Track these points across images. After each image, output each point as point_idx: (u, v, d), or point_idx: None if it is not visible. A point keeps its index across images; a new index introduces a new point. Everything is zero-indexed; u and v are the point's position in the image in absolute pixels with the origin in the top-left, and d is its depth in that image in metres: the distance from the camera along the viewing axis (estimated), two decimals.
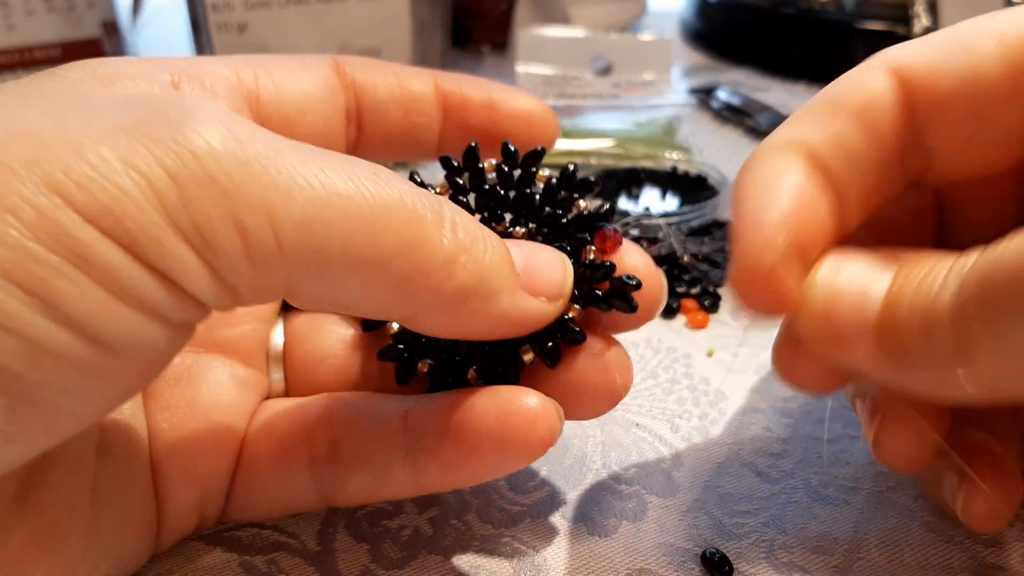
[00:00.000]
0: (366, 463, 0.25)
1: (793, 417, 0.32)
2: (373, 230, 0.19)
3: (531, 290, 0.23)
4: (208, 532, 0.27)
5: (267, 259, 0.19)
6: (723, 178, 0.48)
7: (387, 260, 0.20)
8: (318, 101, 0.27)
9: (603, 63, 0.64)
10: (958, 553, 0.27)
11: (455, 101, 0.29)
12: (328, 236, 0.19)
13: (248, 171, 0.18)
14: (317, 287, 0.20)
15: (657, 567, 0.26)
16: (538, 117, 0.30)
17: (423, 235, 0.20)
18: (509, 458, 0.23)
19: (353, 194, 0.19)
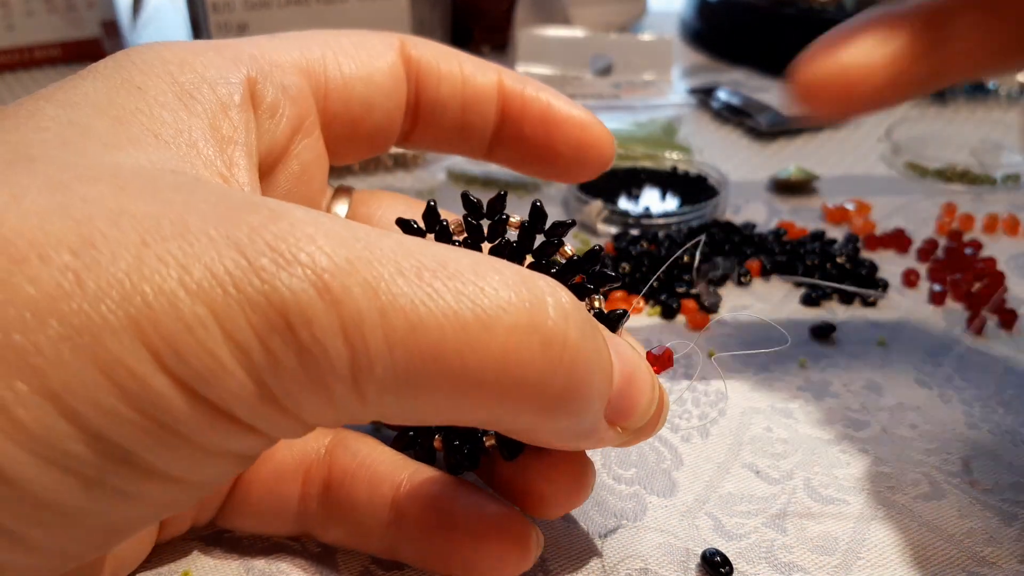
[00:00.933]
0: (350, 518, 0.25)
1: (793, 417, 0.32)
2: (488, 351, 0.17)
3: (615, 416, 0.21)
4: (208, 533, 0.27)
5: (351, 409, 0.18)
6: (723, 178, 0.48)
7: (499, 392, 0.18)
8: (383, 95, 0.26)
9: (603, 63, 0.64)
10: (957, 553, 0.27)
11: (514, 106, 0.28)
12: (431, 379, 0.17)
13: (343, 337, 0.16)
14: (408, 415, 0.18)
15: (657, 567, 0.26)
16: (592, 145, 0.28)
17: (546, 351, 0.18)
18: (478, 571, 0.24)
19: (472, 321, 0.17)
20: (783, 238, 0.44)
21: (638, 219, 0.45)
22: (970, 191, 0.50)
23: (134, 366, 0.16)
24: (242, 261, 0.16)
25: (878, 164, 0.54)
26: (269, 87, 0.23)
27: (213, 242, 0.16)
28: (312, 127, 0.25)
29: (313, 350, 0.16)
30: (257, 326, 0.16)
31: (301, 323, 0.16)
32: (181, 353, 0.16)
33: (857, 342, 0.37)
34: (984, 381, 0.34)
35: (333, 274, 0.16)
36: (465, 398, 0.18)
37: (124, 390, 0.16)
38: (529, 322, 0.18)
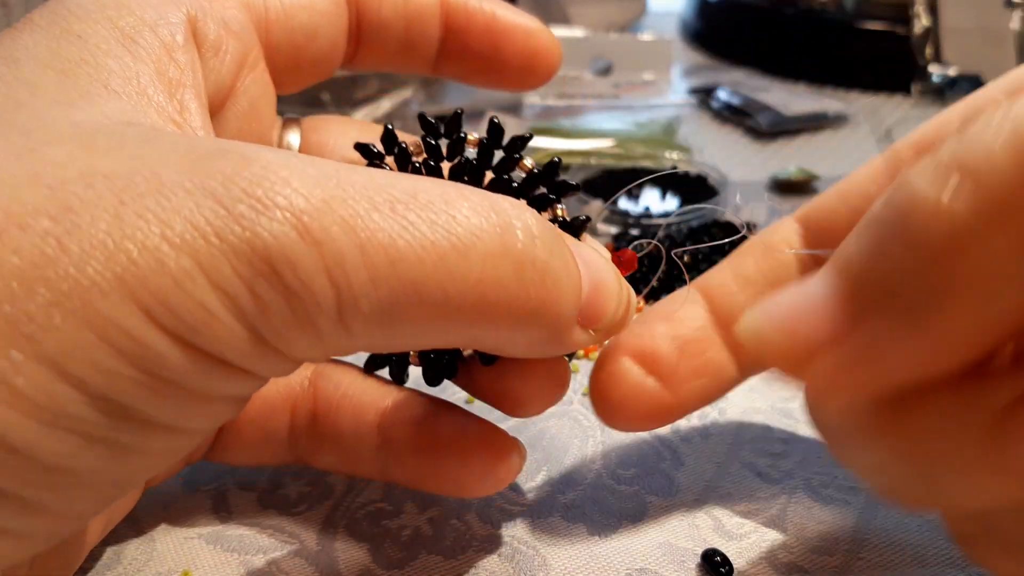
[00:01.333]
0: (339, 445, 0.26)
1: (793, 417, 0.32)
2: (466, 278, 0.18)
3: (586, 321, 0.21)
4: (208, 532, 0.27)
5: (339, 343, 0.18)
6: (723, 178, 0.48)
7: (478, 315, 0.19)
8: (325, 22, 0.26)
9: (603, 63, 0.64)
10: (957, 553, 0.27)
11: (458, 20, 0.27)
12: (416, 310, 0.18)
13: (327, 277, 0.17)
14: (392, 344, 0.19)
15: (657, 567, 0.26)
16: (540, 51, 0.28)
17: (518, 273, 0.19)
18: (466, 487, 0.25)
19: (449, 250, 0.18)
20: None
21: (638, 219, 0.45)
22: None
23: (126, 324, 0.16)
24: (220, 210, 0.16)
25: None
26: (210, 24, 0.23)
27: (189, 194, 0.16)
28: (256, 61, 0.25)
29: (299, 291, 0.17)
30: (242, 272, 0.16)
31: (285, 266, 0.16)
32: (171, 306, 0.16)
33: None
34: None
35: (311, 215, 0.17)
36: (446, 323, 0.18)
37: (119, 348, 0.16)
38: (501, 246, 0.19)
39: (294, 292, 0.17)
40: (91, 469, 0.17)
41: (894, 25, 0.63)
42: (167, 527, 0.27)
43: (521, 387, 0.24)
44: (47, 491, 0.16)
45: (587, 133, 0.55)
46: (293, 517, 0.28)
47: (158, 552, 0.26)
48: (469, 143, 0.25)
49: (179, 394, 0.17)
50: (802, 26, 0.66)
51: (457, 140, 0.25)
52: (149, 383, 0.16)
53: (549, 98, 0.59)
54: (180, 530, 0.27)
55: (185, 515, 0.28)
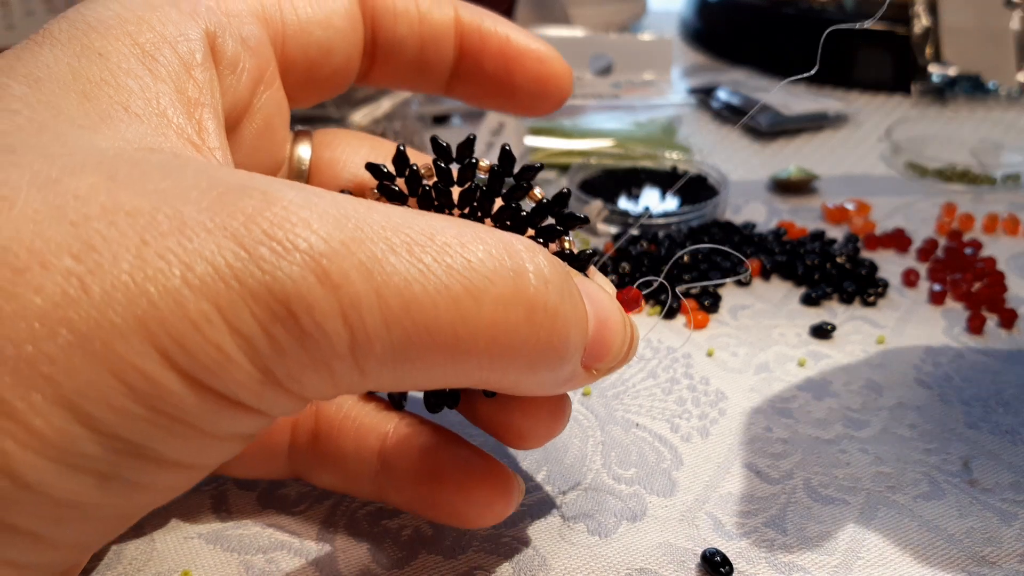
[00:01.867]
0: (339, 467, 0.26)
1: (793, 417, 0.32)
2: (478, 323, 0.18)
3: (590, 361, 0.22)
4: (208, 531, 0.27)
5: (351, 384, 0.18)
6: (723, 178, 0.48)
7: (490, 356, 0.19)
8: (341, 38, 0.26)
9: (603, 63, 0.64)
10: (957, 552, 0.27)
11: (472, 42, 0.27)
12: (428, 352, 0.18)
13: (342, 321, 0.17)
14: (402, 384, 0.19)
15: (657, 567, 0.26)
16: (551, 78, 0.28)
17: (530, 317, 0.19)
18: (465, 520, 0.25)
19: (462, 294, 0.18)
20: (783, 238, 0.44)
21: (638, 219, 0.45)
22: (970, 191, 0.50)
23: (143, 366, 0.16)
24: (242, 252, 0.16)
25: (878, 164, 0.54)
26: (228, 40, 0.23)
27: (211, 234, 0.16)
28: (272, 78, 0.25)
29: (315, 334, 0.17)
30: (260, 316, 0.16)
31: (303, 310, 0.17)
32: (188, 349, 0.16)
33: (857, 342, 0.37)
34: (984, 381, 0.34)
35: (330, 259, 0.17)
36: (456, 365, 0.19)
37: (134, 389, 0.16)
38: (514, 292, 0.19)
39: (310, 335, 0.17)
40: (101, 504, 0.17)
41: (894, 25, 0.63)
42: (167, 527, 0.27)
43: (522, 420, 0.25)
44: (57, 525, 0.16)
45: (587, 133, 0.55)
46: (293, 517, 0.28)
47: (158, 552, 0.26)
48: (480, 169, 0.25)
49: (190, 433, 0.17)
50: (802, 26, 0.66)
51: (469, 165, 0.25)
52: (161, 422, 0.16)
53: None
54: (180, 530, 0.27)
55: (185, 514, 0.28)
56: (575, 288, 0.21)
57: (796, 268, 0.41)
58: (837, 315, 0.39)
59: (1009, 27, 0.62)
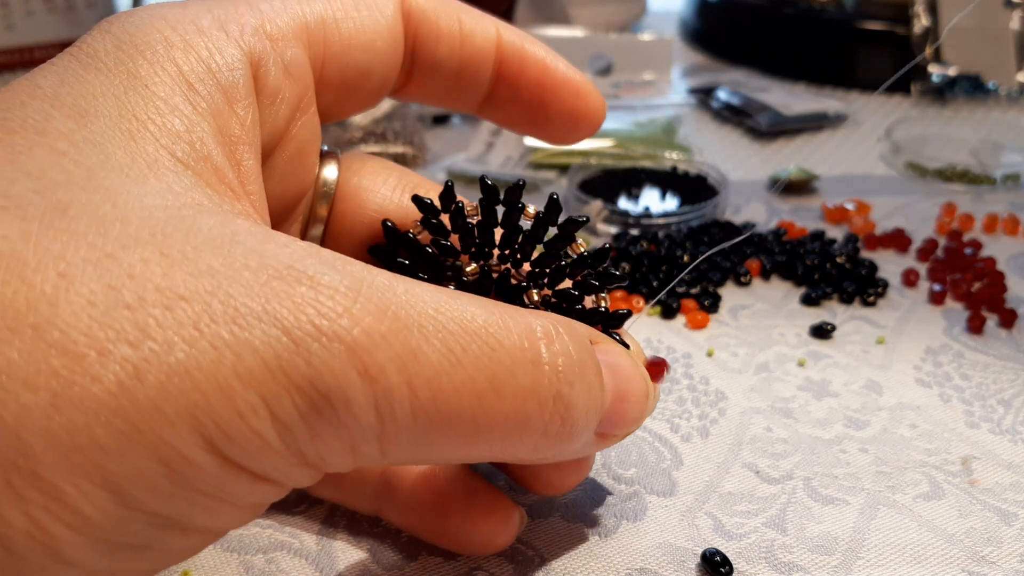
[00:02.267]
0: (340, 485, 0.27)
1: (793, 417, 0.32)
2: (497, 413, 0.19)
3: (605, 430, 0.23)
4: None
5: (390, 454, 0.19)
6: (723, 178, 0.48)
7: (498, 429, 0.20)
8: (381, 61, 0.25)
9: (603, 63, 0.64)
10: (957, 552, 0.27)
11: (512, 67, 0.27)
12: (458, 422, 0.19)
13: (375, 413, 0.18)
14: (417, 459, 0.20)
15: (657, 567, 0.26)
16: (587, 107, 0.28)
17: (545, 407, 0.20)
18: (468, 548, 0.26)
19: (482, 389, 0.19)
20: (783, 238, 0.44)
21: (638, 219, 0.45)
22: (970, 191, 0.50)
23: (188, 452, 0.16)
24: (290, 344, 0.17)
25: (878, 164, 0.54)
26: (272, 69, 0.22)
27: (261, 322, 0.17)
28: (309, 103, 0.24)
29: (348, 423, 0.18)
30: (301, 406, 0.17)
31: (341, 402, 0.17)
32: (232, 437, 0.17)
33: (857, 342, 0.37)
34: (984, 380, 0.34)
35: (370, 352, 0.18)
36: (471, 448, 0.20)
37: (176, 472, 0.16)
38: (533, 385, 0.20)
39: (343, 424, 0.18)
40: (128, 570, 0.17)
41: (894, 25, 0.63)
42: None
43: (548, 471, 0.26)
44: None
45: None
46: (293, 517, 0.28)
47: None
48: (526, 215, 0.25)
49: (218, 505, 0.18)
50: (802, 26, 0.66)
51: (515, 209, 0.25)
52: (195, 499, 0.17)
53: None
54: None
55: None
56: (593, 371, 0.21)
57: (796, 268, 0.41)
58: (837, 315, 0.39)
59: (1009, 27, 0.62)
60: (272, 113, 0.23)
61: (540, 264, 0.25)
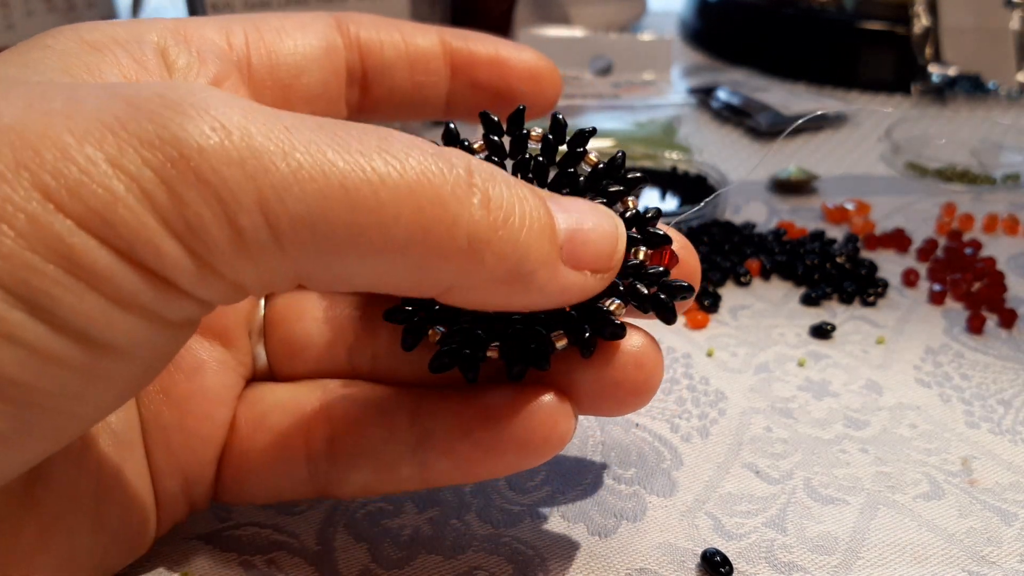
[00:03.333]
0: (370, 459, 0.24)
1: (793, 417, 0.32)
2: (383, 218, 0.18)
3: (576, 263, 0.21)
4: (207, 531, 0.27)
5: (267, 256, 0.18)
6: (723, 178, 0.48)
7: (402, 247, 0.18)
8: (314, 62, 0.26)
9: (603, 63, 0.64)
10: (957, 552, 0.27)
11: (462, 57, 0.28)
12: (332, 229, 0.18)
13: (241, 169, 0.17)
14: (329, 274, 0.19)
15: (657, 567, 0.26)
16: (545, 74, 0.29)
17: (442, 218, 0.18)
18: (526, 459, 0.23)
19: (359, 182, 0.18)
20: (783, 238, 0.44)
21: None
22: (970, 191, 0.50)
23: (31, 209, 0.16)
24: (129, 108, 0.17)
25: (878, 164, 0.54)
26: (182, 53, 0.23)
27: (99, 99, 0.17)
28: (235, 88, 0.25)
29: (212, 181, 0.17)
30: (151, 161, 0.17)
31: (194, 150, 0.17)
32: (75, 192, 0.16)
33: (857, 342, 0.37)
34: (984, 380, 0.34)
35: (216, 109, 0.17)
36: (381, 256, 0.18)
37: (31, 239, 0.16)
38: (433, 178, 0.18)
39: (207, 181, 0.17)
40: (36, 388, 0.17)
41: (894, 25, 0.63)
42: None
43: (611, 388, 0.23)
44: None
45: None
46: (292, 517, 0.28)
47: (158, 552, 0.26)
48: (532, 138, 0.24)
49: (106, 303, 0.17)
50: (802, 26, 0.66)
51: (519, 137, 0.24)
52: (70, 283, 0.16)
53: None
54: (180, 530, 0.27)
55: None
56: (517, 182, 0.20)
57: (796, 268, 0.41)
58: (837, 315, 0.39)
59: (1009, 27, 0.62)
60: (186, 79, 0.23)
61: (556, 186, 0.24)
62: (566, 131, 0.24)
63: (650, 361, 0.24)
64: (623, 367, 0.23)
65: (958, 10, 0.62)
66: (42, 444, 0.18)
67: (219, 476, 0.26)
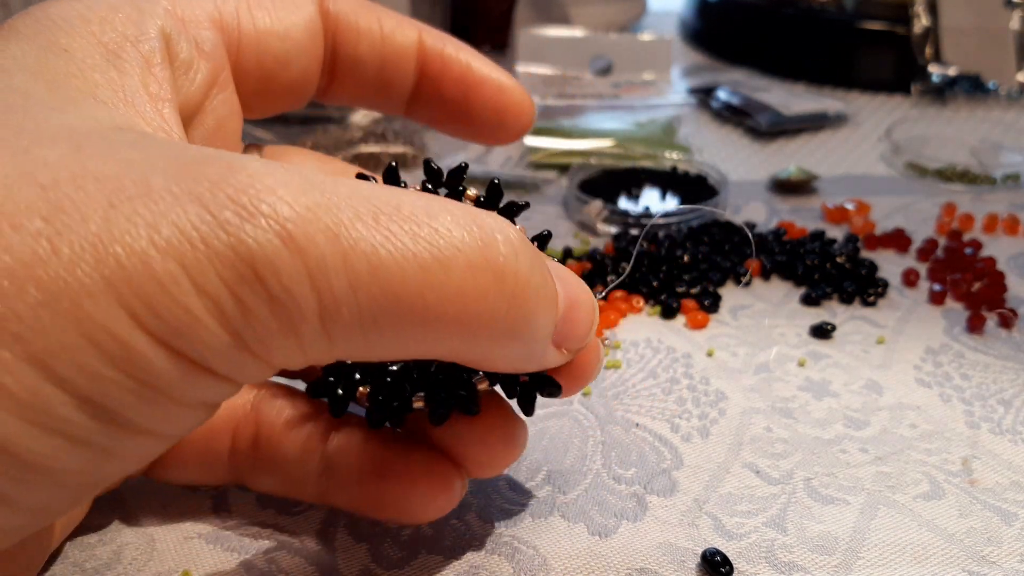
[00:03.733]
0: (281, 470, 0.26)
1: (793, 417, 0.32)
2: (447, 294, 0.18)
3: (561, 342, 0.22)
4: (208, 531, 0.27)
5: (318, 348, 0.18)
6: (723, 178, 0.48)
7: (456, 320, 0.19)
8: (299, 51, 0.26)
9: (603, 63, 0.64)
10: (957, 552, 0.27)
11: (433, 67, 0.28)
12: (393, 315, 0.18)
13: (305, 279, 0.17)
14: (373, 353, 0.19)
15: (657, 567, 0.26)
16: (512, 106, 0.28)
17: (502, 290, 0.19)
18: (409, 516, 0.26)
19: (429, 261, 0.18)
20: (783, 238, 0.44)
21: (638, 219, 0.45)
22: (970, 191, 0.50)
23: (112, 327, 0.16)
24: (207, 216, 0.17)
25: (878, 164, 0.54)
26: (183, 43, 0.23)
27: (177, 199, 0.17)
28: (226, 82, 0.25)
29: (282, 297, 0.17)
30: (227, 278, 0.17)
31: (269, 272, 0.17)
32: (156, 310, 0.16)
33: (857, 341, 0.37)
34: (984, 380, 0.34)
35: (296, 223, 0.17)
36: (426, 333, 0.19)
37: (105, 351, 0.16)
38: (483, 259, 0.19)
39: (277, 298, 0.17)
40: (68, 470, 0.17)
41: (894, 25, 0.63)
42: (167, 527, 0.27)
43: (477, 450, 0.25)
44: (22, 487, 0.16)
45: (587, 133, 0.55)
46: (293, 517, 0.28)
47: (158, 552, 0.26)
48: (467, 198, 0.25)
49: (160, 399, 0.17)
50: (802, 26, 0.66)
51: (455, 193, 0.25)
52: (133, 387, 0.16)
53: (549, 98, 0.59)
54: (180, 530, 0.27)
55: (185, 515, 0.28)
56: (545, 262, 0.21)
57: (796, 268, 0.41)
58: (837, 315, 0.39)
59: (1009, 27, 0.62)
60: (186, 84, 0.23)
61: None
62: (501, 199, 0.25)
63: (510, 426, 0.25)
64: (485, 443, 0.25)
65: (958, 10, 0.62)
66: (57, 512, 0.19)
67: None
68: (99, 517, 0.27)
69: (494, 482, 0.29)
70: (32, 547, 0.23)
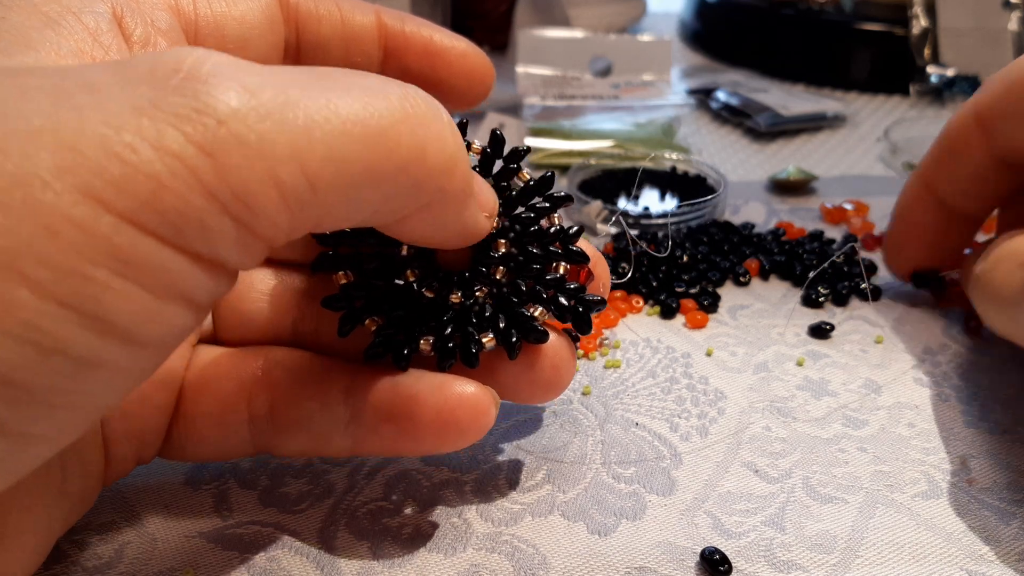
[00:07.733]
0: (306, 428, 0.26)
1: (793, 417, 0.33)
2: (390, 146, 0.19)
3: (480, 204, 0.24)
4: (209, 530, 0.27)
5: (303, 204, 0.18)
6: (722, 178, 0.48)
7: (404, 168, 0.20)
8: (258, 33, 0.26)
9: (603, 64, 0.64)
10: (955, 551, 0.27)
11: (397, 43, 0.29)
12: (352, 164, 0.19)
13: (272, 123, 0.17)
14: (346, 210, 0.20)
15: (656, 566, 0.26)
16: (476, 68, 0.30)
17: (434, 136, 0.20)
18: (446, 444, 0.25)
19: (366, 117, 0.19)
20: (782, 238, 0.44)
21: (638, 219, 0.45)
22: None
23: (78, 215, 0.15)
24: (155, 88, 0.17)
25: (876, 164, 0.54)
26: (137, 22, 0.23)
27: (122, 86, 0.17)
28: None
29: (252, 140, 0.17)
30: (194, 136, 0.16)
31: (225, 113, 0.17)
32: (122, 187, 0.16)
33: (856, 341, 0.37)
34: (982, 380, 0.35)
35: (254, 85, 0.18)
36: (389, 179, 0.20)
37: (80, 246, 0.15)
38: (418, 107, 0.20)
39: (251, 146, 0.17)
40: (47, 386, 0.16)
41: (892, 26, 0.63)
42: (168, 525, 0.27)
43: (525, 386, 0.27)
44: (12, 409, 0.16)
45: (587, 134, 0.55)
46: (294, 515, 0.28)
47: (159, 550, 0.26)
48: (473, 150, 0.27)
49: (150, 297, 0.17)
50: (801, 26, 0.66)
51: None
52: (120, 285, 0.16)
53: (549, 99, 0.59)
54: (182, 528, 0.27)
55: (187, 513, 0.28)
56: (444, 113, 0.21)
57: (795, 268, 0.41)
58: (836, 315, 0.39)
59: (1007, 28, 0.62)
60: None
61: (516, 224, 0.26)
62: (504, 147, 0.27)
63: (564, 362, 0.27)
64: (542, 369, 0.27)
65: (956, 11, 0.62)
66: (59, 439, 0.18)
67: (167, 437, 0.27)
68: (100, 516, 0.27)
69: (494, 481, 0.29)
70: (31, 543, 0.23)
